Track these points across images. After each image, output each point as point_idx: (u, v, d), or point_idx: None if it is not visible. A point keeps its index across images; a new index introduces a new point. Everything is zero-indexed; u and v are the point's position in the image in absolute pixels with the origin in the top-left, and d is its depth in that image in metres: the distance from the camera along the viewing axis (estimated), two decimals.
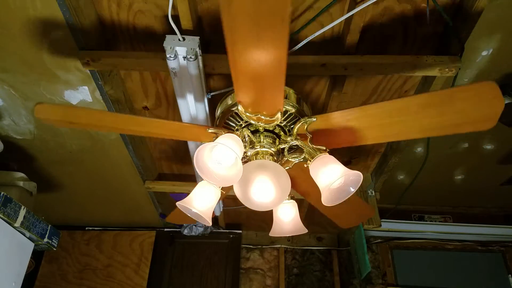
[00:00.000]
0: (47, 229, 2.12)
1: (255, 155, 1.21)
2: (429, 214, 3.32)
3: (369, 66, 1.57)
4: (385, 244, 3.27)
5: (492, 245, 3.17)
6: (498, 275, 3.07)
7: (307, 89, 1.86)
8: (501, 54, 1.67)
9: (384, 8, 1.49)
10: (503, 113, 0.91)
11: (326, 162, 1.10)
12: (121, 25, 1.60)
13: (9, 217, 1.84)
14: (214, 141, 1.08)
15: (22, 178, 2.29)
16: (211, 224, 1.26)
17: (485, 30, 1.56)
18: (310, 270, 3.37)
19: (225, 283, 3.25)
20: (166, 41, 1.47)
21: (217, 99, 1.43)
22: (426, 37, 1.60)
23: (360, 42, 1.58)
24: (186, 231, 3.26)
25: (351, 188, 1.08)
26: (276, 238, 3.43)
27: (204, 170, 1.06)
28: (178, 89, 1.64)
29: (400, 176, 2.75)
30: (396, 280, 3.11)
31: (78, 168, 2.54)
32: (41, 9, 1.49)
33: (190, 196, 1.26)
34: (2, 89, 1.89)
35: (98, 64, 1.60)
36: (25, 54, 1.68)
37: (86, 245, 3.37)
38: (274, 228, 1.39)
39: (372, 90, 1.87)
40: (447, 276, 3.09)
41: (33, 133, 2.21)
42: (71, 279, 3.22)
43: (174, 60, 1.48)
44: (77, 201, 3.01)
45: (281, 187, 1.08)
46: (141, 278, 3.19)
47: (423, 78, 1.77)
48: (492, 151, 2.40)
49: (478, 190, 2.93)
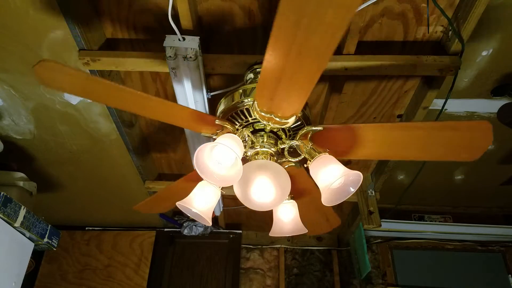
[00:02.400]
0: (47, 229, 2.12)
1: (255, 155, 1.21)
2: (429, 214, 3.32)
3: (369, 66, 1.57)
4: (385, 244, 3.28)
5: (492, 245, 3.17)
6: (498, 275, 3.07)
7: None
8: (501, 54, 1.67)
9: (384, 8, 1.49)
10: (503, 113, 0.92)
11: (326, 162, 1.10)
12: (121, 25, 1.60)
13: (9, 217, 1.84)
14: (214, 141, 1.08)
15: (22, 178, 2.29)
16: (211, 224, 1.26)
17: (485, 30, 1.56)
18: (310, 270, 3.37)
19: (225, 283, 3.25)
20: (166, 41, 1.47)
21: (217, 99, 1.43)
22: (426, 37, 1.60)
23: (360, 42, 1.58)
24: (186, 231, 3.26)
25: (351, 188, 1.08)
26: (276, 238, 3.43)
27: (204, 170, 1.06)
28: (178, 89, 1.64)
29: (400, 176, 2.75)
30: (396, 280, 3.11)
31: (78, 168, 2.54)
32: (41, 9, 1.49)
33: (190, 196, 1.26)
34: (2, 89, 1.89)
35: (98, 64, 1.60)
36: (25, 54, 1.68)
37: (86, 245, 3.37)
38: (274, 228, 1.39)
39: (372, 90, 1.87)
40: (447, 276, 3.09)
41: (33, 133, 2.21)
42: (71, 279, 3.22)
43: (174, 60, 1.48)
44: (77, 201, 3.01)
45: (281, 187, 1.08)
46: (141, 278, 3.19)
47: (423, 78, 1.77)
48: (492, 151, 2.40)
49: (478, 190, 2.93)
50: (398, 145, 1.14)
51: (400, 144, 1.14)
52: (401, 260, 3.20)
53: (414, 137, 1.10)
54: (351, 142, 1.14)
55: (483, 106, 1.98)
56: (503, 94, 1.82)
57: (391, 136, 1.12)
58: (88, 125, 2.12)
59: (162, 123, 2.17)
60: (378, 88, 1.85)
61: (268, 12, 1.52)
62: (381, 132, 1.12)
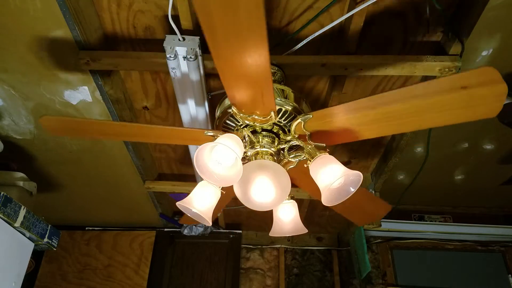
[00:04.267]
0: (47, 229, 2.12)
1: (255, 155, 1.21)
2: (429, 214, 3.32)
3: (369, 66, 1.57)
4: (385, 244, 3.28)
5: (492, 245, 3.17)
6: (498, 275, 3.07)
7: (307, 88, 1.86)
8: (501, 54, 1.67)
9: (384, 8, 1.49)
10: (503, 113, 0.91)
11: (326, 162, 1.10)
12: (121, 25, 1.60)
13: (9, 217, 1.84)
14: (214, 141, 1.08)
15: (22, 178, 2.28)
16: (211, 224, 1.26)
17: (485, 30, 1.56)
18: (310, 270, 3.37)
19: (225, 283, 3.25)
20: (166, 41, 1.47)
21: (217, 99, 1.43)
22: (426, 37, 1.60)
23: (360, 42, 1.58)
24: (186, 231, 3.26)
25: (351, 188, 1.08)
26: (276, 238, 3.43)
27: (204, 170, 1.06)
28: (178, 89, 1.64)
29: (400, 176, 2.75)
30: (396, 280, 3.11)
31: (78, 168, 2.54)
32: (41, 9, 1.49)
33: (190, 196, 1.26)
34: (2, 89, 1.89)
35: (98, 64, 1.60)
36: (25, 54, 1.68)
37: (86, 245, 3.37)
38: (274, 228, 1.39)
39: (372, 90, 1.87)
40: (447, 276, 3.09)
41: (33, 133, 2.21)
42: (71, 279, 3.22)
43: (174, 60, 1.48)
44: (77, 201, 3.01)
45: (281, 187, 1.08)
46: (141, 278, 3.19)
47: (423, 78, 1.77)
48: (492, 151, 2.40)
49: (478, 190, 2.93)
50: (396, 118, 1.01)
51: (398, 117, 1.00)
52: (401, 260, 3.20)
53: (412, 107, 0.96)
54: (349, 123, 1.08)
55: None
56: None
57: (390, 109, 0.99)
58: None
59: (162, 123, 2.17)
60: (378, 88, 1.85)
61: (268, 12, 1.52)
62: (378, 103, 0.99)
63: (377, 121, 1.04)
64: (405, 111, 0.97)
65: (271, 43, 1.61)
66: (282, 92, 1.25)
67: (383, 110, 0.99)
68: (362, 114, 1.03)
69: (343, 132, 1.12)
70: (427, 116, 0.96)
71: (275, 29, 1.58)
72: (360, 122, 1.06)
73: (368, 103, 1.00)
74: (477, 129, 2.20)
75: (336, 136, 1.15)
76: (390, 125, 1.04)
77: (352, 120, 1.06)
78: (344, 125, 1.09)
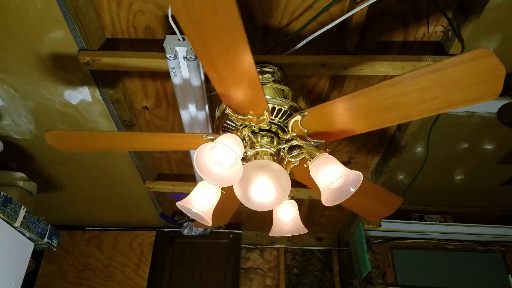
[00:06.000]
0: (47, 229, 2.12)
1: (255, 155, 1.21)
2: (429, 214, 3.32)
3: (369, 66, 1.57)
4: (385, 244, 3.28)
5: (492, 245, 3.17)
6: (498, 275, 3.07)
7: (307, 88, 1.86)
8: (501, 54, 1.65)
9: (384, 8, 1.49)
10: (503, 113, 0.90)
11: (326, 162, 1.10)
12: (121, 25, 1.60)
13: (9, 217, 1.84)
14: (214, 141, 1.08)
15: (22, 178, 2.28)
16: (211, 224, 1.26)
17: (485, 30, 1.56)
18: (310, 270, 3.37)
19: (225, 283, 3.25)
20: (166, 41, 1.47)
21: (217, 99, 1.43)
22: (426, 37, 1.60)
23: (360, 42, 1.58)
24: (186, 231, 3.26)
25: (351, 188, 1.08)
26: (276, 238, 3.43)
27: (204, 170, 1.06)
28: (178, 89, 1.64)
29: (400, 176, 2.75)
30: (396, 280, 3.11)
31: (78, 168, 2.54)
32: (41, 9, 1.49)
33: (190, 196, 1.26)
34: (2, 89, 1.89)
35: (98, 64, 1.60)
36: (25, 54, 1.68)
37: (86, 245, 3.37)
38: (274, 228, 1.39)
39: None
40: (447, 276, 3.09)
41: (33, 133, 2.21)
42: (71, 279, 3.22)
43: (174, 60, 1.48)
44: (77, 201, 3.01)
45: (281, 187, 1.08)
46: (141, 278, 3.19)
47: None
48: (492, 151, 2.40)
49: (478, 190, 2.93)
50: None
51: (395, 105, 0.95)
52: (401, 260, 3.20)
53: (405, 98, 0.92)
54: (346, 117, 1.05)
55: (483, 106, 1.98)
56: (503, 94, 1.82)
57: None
58: (88, 125, 2.12)
59: (161, 123, 2.17)
60: None
61: (268, 12, 1.52)
62: (373, 95, 0.96)
63: (373, 112, 1.00)
64: (401, 99, 0.92)
65: (271, 43, 1.61)
66: (282, 92, 1.25)
67: (378, 101, 0.95)
68: (359, 106, 1.00)
69: (342, 126, 1.08)
70: (424, 105, 0.91)
71: (275, 29, 1.58)
72: (356, 114, 1.03)
73: (364, 95, 0.96)
74: (477, 129, 2.20)
75: (334, 131, 1.13)
76: (388, 116, 0.98)
77: (350, 113, 1.03)
78: (342, 119, 1.06)
